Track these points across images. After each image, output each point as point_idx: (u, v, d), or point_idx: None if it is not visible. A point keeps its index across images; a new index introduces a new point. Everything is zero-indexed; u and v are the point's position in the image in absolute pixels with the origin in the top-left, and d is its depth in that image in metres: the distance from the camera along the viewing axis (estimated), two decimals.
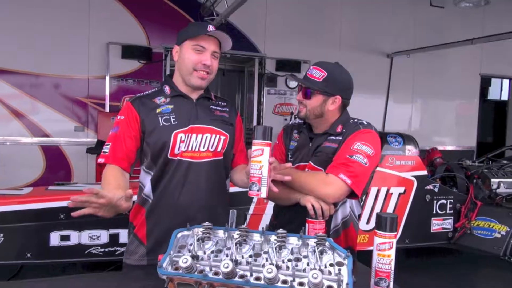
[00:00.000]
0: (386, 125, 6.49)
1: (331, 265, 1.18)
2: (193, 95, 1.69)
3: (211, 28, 1.62)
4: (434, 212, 3.61)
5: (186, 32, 1.64)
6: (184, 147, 1.61)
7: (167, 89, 1.68)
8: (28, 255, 2.65)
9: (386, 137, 3.51)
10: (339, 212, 1.70)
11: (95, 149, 4.62)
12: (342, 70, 1.69)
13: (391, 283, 1.32)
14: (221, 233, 1.32)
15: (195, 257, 1.22)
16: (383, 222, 1.32)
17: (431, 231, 3.62)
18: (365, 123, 1.70)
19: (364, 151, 1.58)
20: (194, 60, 1.61)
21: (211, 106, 1.72)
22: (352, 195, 1.58)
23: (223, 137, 1.68)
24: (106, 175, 1.56)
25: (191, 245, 1.28)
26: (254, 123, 5.83)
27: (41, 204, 2.67)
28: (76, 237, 2.71)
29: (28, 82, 4.86)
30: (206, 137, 1.64)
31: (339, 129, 1.68)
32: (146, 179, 1.65)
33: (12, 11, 4.69)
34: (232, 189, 3.07)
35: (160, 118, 1.61)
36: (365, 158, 1.56)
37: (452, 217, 3.67)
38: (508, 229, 3.44)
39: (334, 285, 1.11)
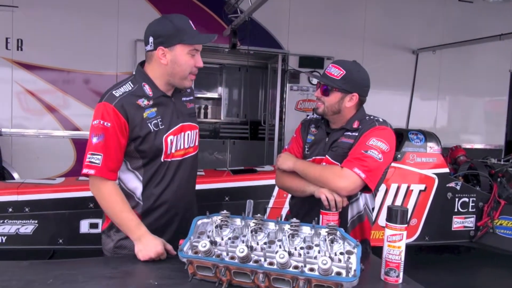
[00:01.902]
0: (410, 122, 6.39)
1: (341, 253, 1.24)
2: (170, 92, 1.65)
3: (206, 37, 1.59)
4: (456, 210, 3.57)
5: (178, 35, 1.54)
6: (173, 148, 1.62)
7: (147, 89, 1.58)
8: (60, 241, 2.82)
9: (407, 134, 3.50)
10: (354, 205, 1.75)
11: None
12: (359, 69, 1.74)
13: (401, 274, 1.37)
14: (238, 221, 1.40)
15: (213, 243, 1.30)
16: (394, 215, 1.37)
17: (452, 229, 3.59)
18: (381, 120, 1.75)
19: (379, 147, 1.63)
20: (191, 64, 1.58)
21: (182, 99, 1.70)
22: (365, 189, 1.64)
23: (197, 130, 1.73)
24: (111, 196, 1.53)
25: (210, 231, 1.36)
26: (277, 119, 5.87)
27: (72, 193, 2.83)
28: None
29: (61, 78, 5.04)
30: (188, 134, 1.67)
31: (355, 125, 1.73)
32: (134, 182, 1.62)
33: (46, 11, 4.89)
34: (252, 183, 3.19)
35: (149, 124, 1.56)
36: (380, 154, 1.61)
37: (475, 216, 3.62)
38: None
39: (343, 271, 1.17)
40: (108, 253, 1.67)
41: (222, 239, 1.33)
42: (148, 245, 1.48)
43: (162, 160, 1.60)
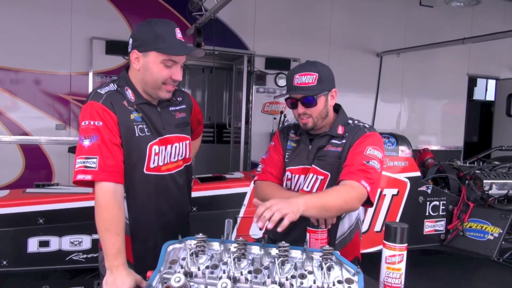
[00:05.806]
0: (375, 124, 6.44)
1: (339, 282, 1.07)
2: (155, 101, 1.55)
3: (185, 49, 1.47)
4: (427, 213, 3.55)
5: (154, 41, 1.42)
6: (161, 161, 1.51)
7: (130, 94, 1.48)
8: (4, 262, 2.49)
9: None
10: (346, 219, 1.60)
11: None
12: (322, 64, 1.61)
13: None
14: (216, 245, 1.21)
15: (188, 274, 1.10)
16: (393, 233, 1.22)
17: (424, 233, 3.56)
18: (367, 125, 1.64)
19: (377, 156, 1.52)
20: (165, 76, 1.46)
21: (170, 108, 1.58)
22: (366, 202, 1.48)
23: (187, 142, 1.62)
24: (103, 210, 1.36)
25: (183, 259, 1.16)
26: (243, 122, 5.70)
27: (18, 208, 2.51)
28: (56, 243, 2.55)
29: (7, 77, 4.64)
30: (176, 146, 1.56)
31: (340, 131, 1.60)
32: None
33: None
34: (224, 191, 2.99)
35: (135, 126, 1.46)
36: (379, 164, 1.51)
37: (445, 219, 3.62)
38: (501, 231, 3.40)
39: None
40: (101, 268, 1.52)
41: (199, 269, 1.12)
42: (115, 281, 1.31)
43: (145, 171, 1.48)
